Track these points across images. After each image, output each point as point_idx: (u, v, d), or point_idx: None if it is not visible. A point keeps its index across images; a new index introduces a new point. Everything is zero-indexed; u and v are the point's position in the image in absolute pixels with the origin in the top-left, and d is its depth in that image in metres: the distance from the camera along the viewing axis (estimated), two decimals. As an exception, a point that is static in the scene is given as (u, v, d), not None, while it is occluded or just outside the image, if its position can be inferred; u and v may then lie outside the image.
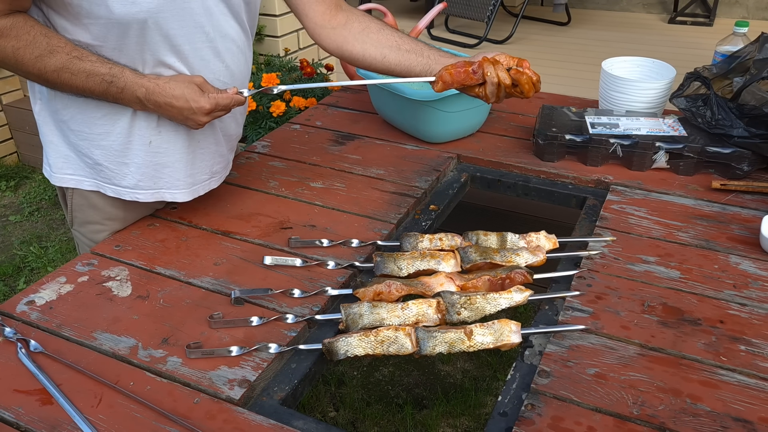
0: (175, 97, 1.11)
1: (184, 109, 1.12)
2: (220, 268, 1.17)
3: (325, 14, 1.33)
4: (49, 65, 1.06)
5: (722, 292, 1.08)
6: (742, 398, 0.88)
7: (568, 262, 1.19)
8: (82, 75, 1.08)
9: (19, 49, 1.05)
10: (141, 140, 1.19)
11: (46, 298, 1.09)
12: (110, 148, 1.19)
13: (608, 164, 1.49)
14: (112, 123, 1.16)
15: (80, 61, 1.07)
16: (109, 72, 1.09)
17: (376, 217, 1.32)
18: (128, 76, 1.10)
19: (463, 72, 1.18)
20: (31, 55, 1.05)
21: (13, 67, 1.08)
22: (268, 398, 0.92)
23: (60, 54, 1.06)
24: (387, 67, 1.33)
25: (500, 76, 1.18)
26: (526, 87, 1.19)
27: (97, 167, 1.21)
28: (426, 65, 1.30)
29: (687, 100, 1.52)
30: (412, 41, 1.33)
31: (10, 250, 2.87)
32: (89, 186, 1.23)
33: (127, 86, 1.10)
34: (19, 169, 3.54)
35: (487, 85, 1.19)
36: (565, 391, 0.89)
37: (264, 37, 3.00)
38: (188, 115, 1.13)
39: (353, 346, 0.97)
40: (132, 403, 0.88)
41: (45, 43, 1.06)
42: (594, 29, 4.84)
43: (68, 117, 1.17)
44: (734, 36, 1.69)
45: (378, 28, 1.34)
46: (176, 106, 1.12)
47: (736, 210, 1.32)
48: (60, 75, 1.07)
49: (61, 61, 1.06)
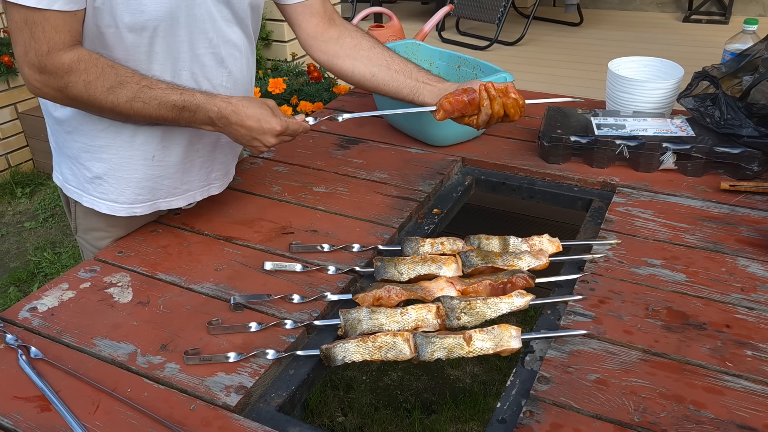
0: (248, 116, 1.11)
1: (254, 129, 1.12)
2: (221, 273, 1.17)
3: (318, 26, 1.34)
4: (122, 96, 1.06)
5: (729, 296, 1.06)
6: (748, 405, 0.86)
7: (571, 265, 1.17)
8: (154, 103, 1.07)
9: (90, 83, 1.04)
10: (143, 155, 1.19)
11: (48, 305, 1.10)
12: (111, 162, 1.18)
13: (615, 166, 1.47)
14: (113, 136, 1.16)
15: (151, 90, 1.07)
16: (180, 97, 1.09)
17: (378, 222, 1.31)
18: (199, 98, 1.10)
19: (461, 102, 1.24)
20: (103, 87, 1.04)
21: (85, 103, 1.07)
22: (265, 405, 0.92)
23: (130, 84, 1.06)
24: (375, 86, 1.35)
25: (495, 108, 1.24)
26: (512, 111, 1.25)
27: (95, 181, 1.21)
28: (414, 88, 1.31)
29: (695, 99, 1.49)
30: (402, 62, 1.34)
31: (24, 255, 2.91)
32: (87, 203, 1.24)
33: (199, 108, 1.10)
34: (35, 176, 3.59)
35: (481, 115, 1.25)
36: (564, 397, 0.88)
37: (271, 42, 3.01)
38: (257, 136, 1.13)
39: (351, 352, 0.96)
40: (129, 409, 0.88)
41: (113, 74, 1.05)
42: (606, 29, 4.80)
43: (72, 128, 1.18)
44: (744, 34, 1.66)
45: (370, 46, 1.35)
46: (247, 125, 1.12)
47: (746, 211, 1.29)
48: (132, 105, 1.07)
49: (132, 91, 1.06)
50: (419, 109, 1.32)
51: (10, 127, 3.54)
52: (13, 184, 3.45)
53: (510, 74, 1.58)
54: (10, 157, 3.58)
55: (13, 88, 3.49)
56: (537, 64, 4.06)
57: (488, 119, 1.24)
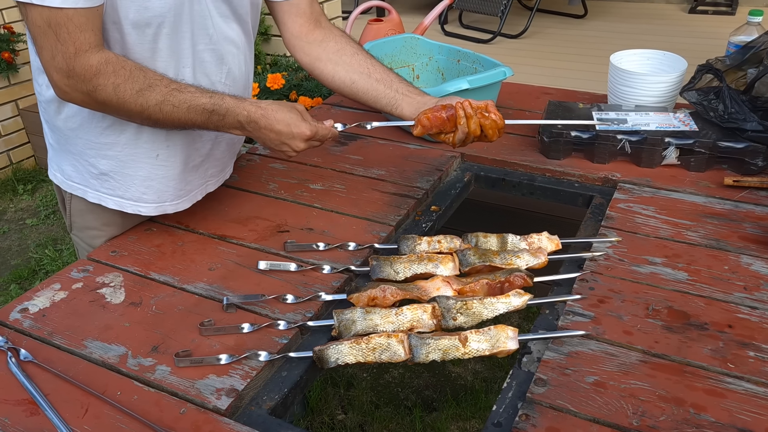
0: (277, 120, 1.11)
1: (283, 134, 1.12)
2: (215, 273, 1.15)
3: (303, 27, 1.33)
4: (151, 99, 1.04)
5: (732, 295, 1.03)
6: (750, 408, 0.83)
7: (570, 264, 1.15)
8: (183, 107, 1.06)
9: (119, 86, 1.02)
10: (148, 153, 1.18)
11: (40, 306, 1.09)
12: (116, 159, 1.18)
13: (616, 161, 1.44)
14: (117, 133, 1.15)
15: (180, 93, 1.06)
16: (210, 101, 1.08)
17: (374, 219, 1.29)
18: (229, 102, 1.09)
19: (440, 118, 1.20)
20: (132, 90, 1.02)
21: (114, 107, 1.05)
22: (257, 408, 0.90)
23: (159, 87, 1.04)
24: (354, 93, 1.33)
25: (471, 127, 1.19)
26: (490, 132, 1.21)
27: (102, 177, 1.20)
28: (393, 99, 1.29)
29: (698, 93, 1.47)
30: (384, 71, 1.32)
31: (26, 253, 2.91)
32: (93, 198, 1.23)
33: (229, 112, 1.09)
34: (37, 173, 3.58)
35: (458, 133, 1.20)
36: (561, 400, 0.86)
37: (270, 37, 2.99)
38: (286, 140, 1.13)
39: (344, 354, 0.94)
40: (118, 413, 0.87)
41: (142, 77, 1.03)
42: (611, 21, 4.75)
43: (76, 125, 1.16)
44: (748, 25, 1.62)
45: (353, 52, 1.33)
46: (276, 129, 1.11)
47: (750, 207, 1.26)
48: (162, 108, 1.05)
49: (162, 95, 1.04)
50: (399, 123, 1.30)
51: (12, 123, 3.53)
52: (15, 181, 3.45)
53: (509, 68, 1.56)
54: (12, 153, 3.57)
55: (14, 85, 3.48)
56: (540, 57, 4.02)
57: (464, 137, 1.21)
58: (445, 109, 1.20)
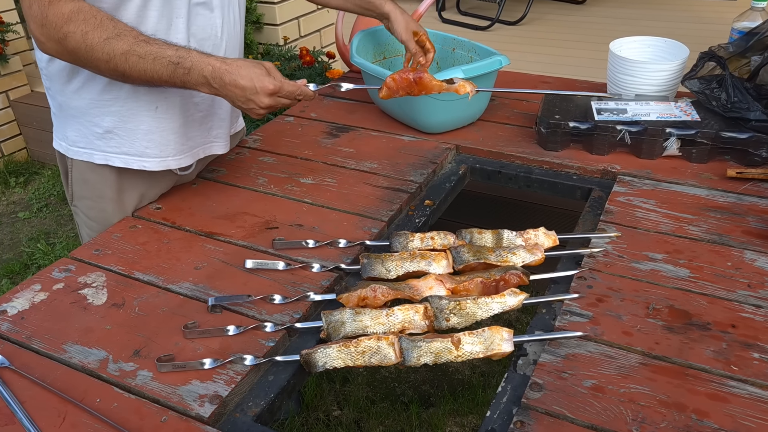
0: (241, 76, 1.10)
1: (247, 89, 1.10)
2: (201, 272, 1.12)
3: None
4: (118, 48, 1.04)
5: (735, 293, 1.00)
6: (754, 413, 0.80)
7: (568, 260, 1.11)
8: (149, 58, 1.06)
9: (88, 33, 1.03)
10: (147, 106, 1.19)
11: (19, 308, 1.05)
12: (118, 114, 1.19)
13: (615, 153, 1.40)
14: (118, 88, 1.17)
15: (147, 44, 1.06)
16: (176, 53, 1.08)
17: (366, 215, 1.26)
18: (194, 56, 1.09)
19: (406, 80, 1.27)
20: (100, 38, 1.03)
21: (83, 54, 1.05)
22: (242, 415, 0.87)
23: (127, 37, 1.05)
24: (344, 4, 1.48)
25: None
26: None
27: (106, 136, 1.21)
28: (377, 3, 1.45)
29: (700, 81, 1.42)
30: None
31: (18, 247, 2.87)
32: (99, 159, 1.23)
33: (194, 66, 1.08)
34: (29, 165, 3.54)
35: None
36: (558, 406, 0.82)
37: (263, 25, 2.93)
38: (250, 96, 1.11)
39: (332, 358, 0.91)
40: (96, 422, 0.83)
41: (112, 26, 1.05)
42: (611, 7, 4.68)
43: (80, 84, 1.18)
44: (752, 11, 1.57)
45: None
46: (241, 85, 1.10)
47: (753, 200, 1.22)
48: (128, 58, 1.06)
49: (129, 44, 1.05)
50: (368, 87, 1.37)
51: (3, 115, 3.48)
52: (7, 174, 3.40)
53: (506, 57, 1.51)
54: (3, 145, 3.52)
55: (4, 76, 3.42)
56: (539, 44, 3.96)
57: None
58: (413, 72, 1.25)
